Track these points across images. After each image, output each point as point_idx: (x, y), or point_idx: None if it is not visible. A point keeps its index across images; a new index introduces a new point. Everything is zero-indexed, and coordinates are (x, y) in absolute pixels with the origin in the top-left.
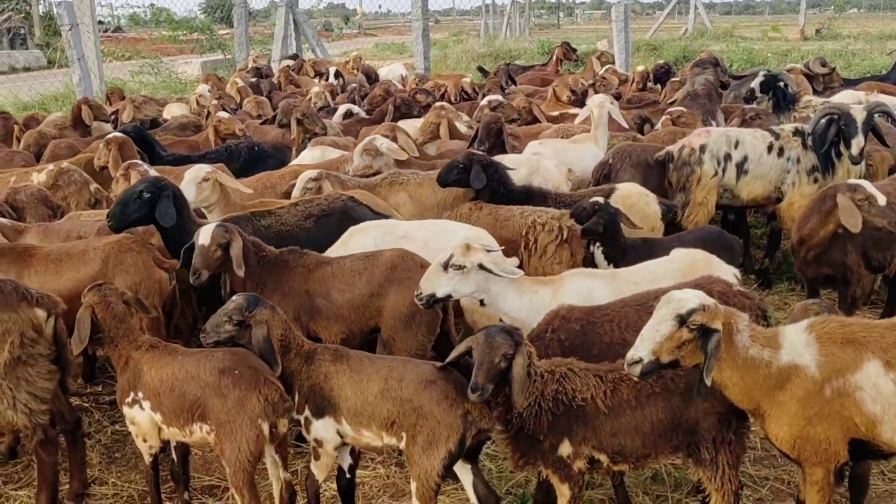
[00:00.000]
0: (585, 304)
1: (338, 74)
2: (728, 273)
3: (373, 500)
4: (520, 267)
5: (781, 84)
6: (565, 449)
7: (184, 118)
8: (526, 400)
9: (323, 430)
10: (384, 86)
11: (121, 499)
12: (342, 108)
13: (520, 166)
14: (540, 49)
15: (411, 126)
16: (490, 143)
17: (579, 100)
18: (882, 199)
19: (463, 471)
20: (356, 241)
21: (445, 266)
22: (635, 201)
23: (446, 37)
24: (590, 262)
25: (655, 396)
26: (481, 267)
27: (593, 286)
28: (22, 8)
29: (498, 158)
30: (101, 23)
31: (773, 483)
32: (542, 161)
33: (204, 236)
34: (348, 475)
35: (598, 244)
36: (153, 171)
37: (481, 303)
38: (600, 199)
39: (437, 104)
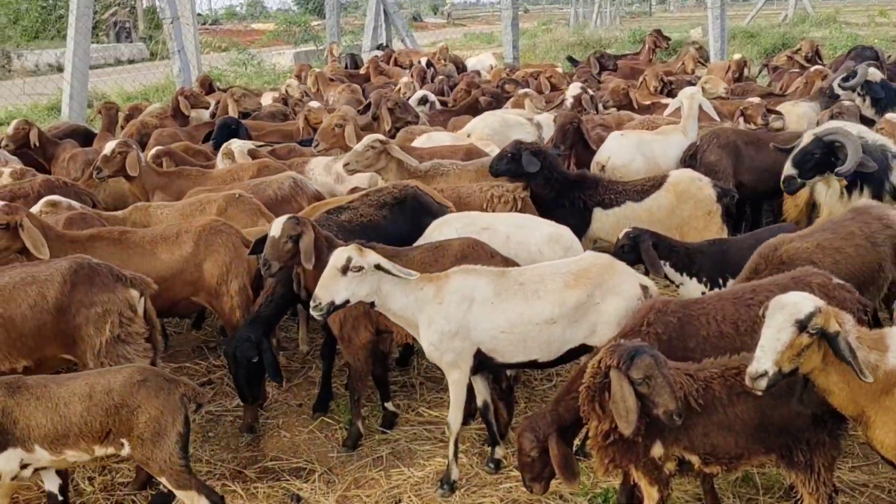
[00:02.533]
0: (467, 302)
1: (429, 64)
2: (633, 283)
3: (455, 489)
4: None
5: (873, 80)
6: (657, 450)
7: (272, 107)
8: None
9: (4, 463)
10: (468, 78)
11: (213, 476)
12: (417, 94)
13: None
14: (631, 38)
15: (498, 116)
16: (567, 145)
17: (669, 89)
18: None
19: None
20: (439, 233)
21: (344, 270)
22: (686, 186)
23: (535, 26)
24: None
25: (745, 395)
26: (378, 267)
27: (476, 283)
28: (127, 2)
29: None
30: (199, 16)
31: (872, 490)
32: None
33: (275, 228)
34: (60, 498)
35: (665, 262)
36: (141, 155)
37: (372, 305)
38: (629, 230)
39: (522, 91)
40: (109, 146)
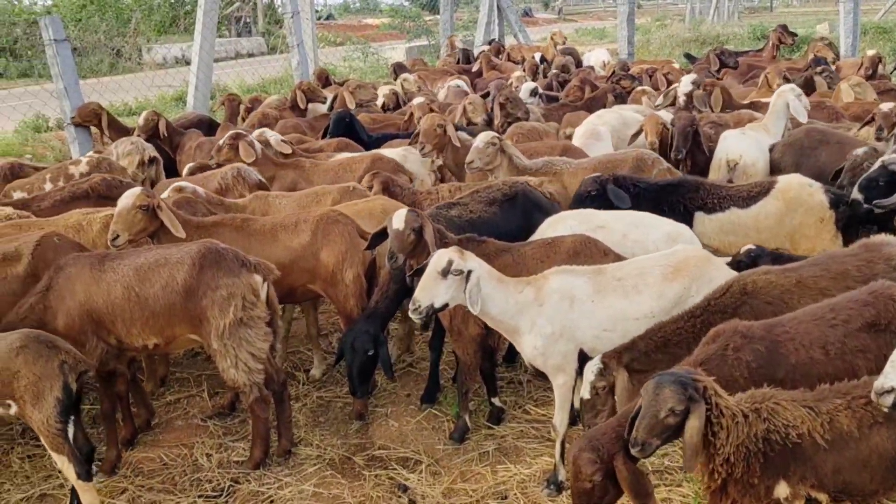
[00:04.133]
0: (567, 301)
1: (542, 59)
2: (727, 275)
3: (562, 489)
4: None
5: None
6: (782, 490)
7: (371, 103)
8: (697, 461)
9: None
10: (582, 74)
11: (322, 461)
12: (527, 86)
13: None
14: (751, 34)
15: (616, 113)
16: (687, 149)
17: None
18: None
19: None
20: (553, 230)
21: (444, 273)
22: (796, 193)
23: (649, 22)
24: None
25: (879, 426)
26: (466, 278)
27: (575, 283)
28: None
29: None
30: (316, 11)
31: None
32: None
33: (398, 221)
34: None
35: None
36: (257, 145)
37: None
38: (752, 247)
39: (639, 88)
40: (225, 137)
